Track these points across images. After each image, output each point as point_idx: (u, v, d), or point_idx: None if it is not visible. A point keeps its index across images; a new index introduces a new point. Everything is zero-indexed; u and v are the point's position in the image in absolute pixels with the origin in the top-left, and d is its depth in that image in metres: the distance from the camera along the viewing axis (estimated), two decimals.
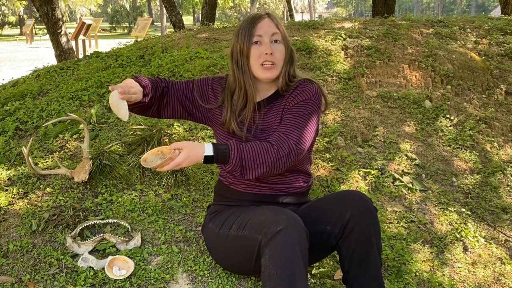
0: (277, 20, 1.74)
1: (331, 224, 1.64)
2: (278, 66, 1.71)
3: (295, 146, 1.63)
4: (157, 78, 1.83)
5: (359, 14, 58.47)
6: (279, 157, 1.61)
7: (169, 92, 1.80)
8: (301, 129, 1.66)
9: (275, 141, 1.63)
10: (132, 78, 1.71)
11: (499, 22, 4.88)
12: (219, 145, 1.60)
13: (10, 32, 28.88)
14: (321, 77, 3.40)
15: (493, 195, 2.74)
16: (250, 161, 1.59)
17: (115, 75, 3.23)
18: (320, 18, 8.09)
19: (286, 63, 1.73)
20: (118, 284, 1.75)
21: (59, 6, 6.37)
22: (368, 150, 2.85)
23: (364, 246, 1.60)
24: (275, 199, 1.78)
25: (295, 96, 1.72)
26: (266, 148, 1.61)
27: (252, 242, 1.55)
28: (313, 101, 1.72)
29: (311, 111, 1.70)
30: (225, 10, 37.18)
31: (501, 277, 2.19)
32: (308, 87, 1.73)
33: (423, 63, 3.74)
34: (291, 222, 1.49)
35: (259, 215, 1.59)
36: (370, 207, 1.63)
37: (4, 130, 2.71)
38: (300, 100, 1.71)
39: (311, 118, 1.70)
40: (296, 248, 1.46)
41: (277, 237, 1.46)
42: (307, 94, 1.72)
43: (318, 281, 1.90)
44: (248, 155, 1.59)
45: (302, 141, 1.65)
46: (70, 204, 2.13)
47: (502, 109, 3.55)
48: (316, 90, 1.74)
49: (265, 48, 1.67)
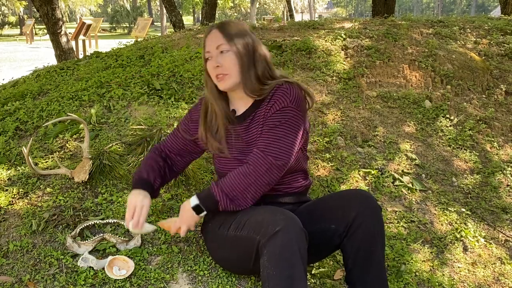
0: (226, 29, 1.69)
1: (335, 222, 1.63)
2: (232, 75, 1.67)
3: (274, 160, 1.61)
4: (155, 157, 1.88)
5: (359, 14, 58.47)
6: (260, 175, 1.61)
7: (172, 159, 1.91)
8: (279, 141, 1.63)
9: (252, 160, 1.63)
10: (136, 177, 1.82)
11: (499, 22, 4.89)
12: (202, 192, 1.69)
13: (10, 32, 28.89)
14: (321, 77, 3.40)
15: (493, 195, 2.74)
16: (234, 191, 1.62)
17: (115, 75, 3.23)
18: (320, 18, 8.09)
19: (243, 69, 1.67)
20: (118, 284, 1.75)
21: (59, 6, 6.37)
22: (368, 150, 2.86)
23: (369, 245, 1.60)
24: (275, 199, 1.78)
25: (272, 105, 1.67)
26: (244, 171, 1.62)
27: (250, 242, 1.55)
28: (290, 107, 1.65)
29: (289, 117, 1.65)
30: (225, 10, 37.19)
31: (501, 277, 2.19)
32: (284, 92, 1.66)
33: (423, 63, 3.74)
34: (289, 222, 1.49)
35: (256, 215, 1.58)
36: (375, 205, 1.63)
37: (4, 130, 2.71)
38: (276, 109, 1.66)
39: (290, 125, 1.65)
40: (294, 249, 1.46)
41: (275, 238, 1.46)
42: (282, 101, 1.65)
43: (318, 281, 1.90)
44: (229, 187, 1.62)
45: (282, 152, 1.63)
46: (70, 204, 2.14)
47: (502, 109, 3.55)
48: (294, 92, 1.67)
49: (213, 62, 1.69)
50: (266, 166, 1.61)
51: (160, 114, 2.74)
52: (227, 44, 1.67)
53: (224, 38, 1.67)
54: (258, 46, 1.71)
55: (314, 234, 1.66)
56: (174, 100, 2.89)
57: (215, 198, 1.63)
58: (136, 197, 1.74)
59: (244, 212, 1.65)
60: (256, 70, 1.68)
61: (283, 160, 1.63)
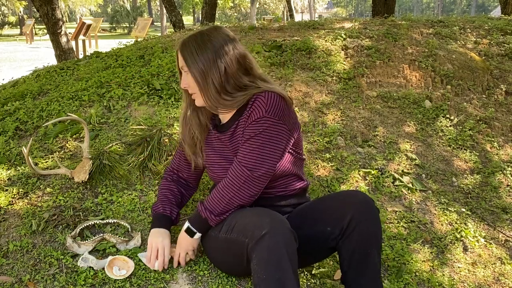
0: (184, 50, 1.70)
1: (331, 225, 1.63)
2: (197, 94, 1.72)
3: (250, 172, 1.63)
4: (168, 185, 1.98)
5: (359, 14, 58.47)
6: (239, 188, 1.65)
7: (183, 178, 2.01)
8: (254, 152, 1.64)
9: (230, 173, 1.67)
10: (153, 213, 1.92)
11: (499, 22, 4.88)
12: (192, 215, 1.78)
13: (10, 32, 28.89)
14: (321, 77, 3.40)
15: (493, 195, 2.74)
16: (218, 206, 1.67)
17: (115, 75, 3.23)
18: (320, 18, 8.09)
19: (202, 88, 1.68)
20: (118, 284, 1.75)
21: (59, 6, 6.37)
22: (368, 150, 2.85)
23: (364, 248, 1.60)
24: (271, 201, 1.78)
25: (248, 117, 1.68)
26: (224, 186, 1.67)
27: (240, 245, 1.56)
28: (266, 117, 1.63)
29: (265, 127, 1.64)
30: (225, 10, 37.18)
31: (501, 277, 2.19)
32: (260, 101, 1.65)
33: (423, 63, 3.74)
34: (276, 225, 1.49)
35: (244, 218, 1.60)
36: (372, 208, 1.62)
37: (4, 130, 2.71)
38: (252, 120, 1.66)
39: (266, 135, 1.64)
40: (282, 251, 1.46)
41: (262, 242, 1.47)
42: (258, 111, 1.64)
43: (318, 281, 1.90)
44: (213, 203, 1.68)
45: (258, 163, 1.64)
46: (70, 204, 2.14)
47: (502, 109, 3.55)
48: (271, 101, 1.64)
49: (182, 82, 1.75)
50: (243, 178, 1.64)
51: (160, 114, 2.74)
52: (186, 67, 1.71)
53: (183, 60, 1.71)
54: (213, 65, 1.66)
55: (310, 236, 1.66)
56: (174, 100, 2.89)
57: (202, 217, 1.69)
58: (156, 239, 1.81)
59: (234, 214, 1.67)
60: (215, 86, 1.67)
61: (260, 170, 1.64)
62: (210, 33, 1.71)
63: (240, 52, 1.71)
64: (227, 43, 1.69)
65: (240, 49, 1.71)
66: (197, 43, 1.69)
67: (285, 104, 1.68)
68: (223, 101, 1.69)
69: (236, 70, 1.69)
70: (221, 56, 1.67)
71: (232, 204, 1.67)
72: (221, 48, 1.67)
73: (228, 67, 1.67)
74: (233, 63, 1.68)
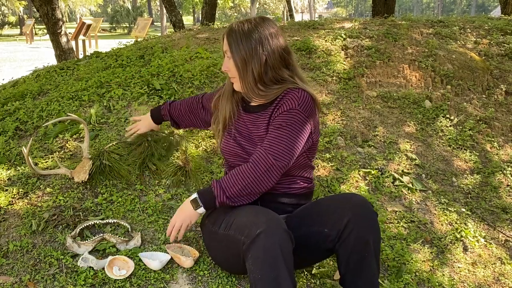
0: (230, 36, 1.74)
1: (328, 227, 1.63)
2: (236, 79, 1.76)
3: (274, 161, 1.64)
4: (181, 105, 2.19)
5: (359, 14, 58.47)
6: (259, 175, 1.64)
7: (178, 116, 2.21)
8: (282, 142, 1.66)
9: (254, 159, 1.67)
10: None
11: (499, 22, 4.88)
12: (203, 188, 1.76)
13: (10, 32, 28.89)
14: (321, 77, 3.40)
15: (493, 195, 2.74)
16: (232, 188, 1.65)
17: (115, 75, 3.23)
18: (320, 18, 8.09)
19: (241, 75, 1.73)
20: (118, 284, 1.75)
21: (59, 6, 6.36)
22: (368, 150, 2.85)
23: (361, 251, 1.59)
24: (274, 198, 1.78)
25: (280, 107, 1.71)
26: (244, 170, 1.66)
27: (237, 243, 1.56)
28: (297, 110, 1.68)
29: (296, 120, 1.67)
30: (225, 10, 37.18)
31: (501, 277, 2.19)
32: (294, 95, 1.70)
33: (423, 63, 3.74)
34: (271, 224, 1.49)
35: (242, 216, 1.60)
36: (369, 211, 1.61)
37: (4, 130, 2.71)
38: (284, 110, 1.69)
39: (295, 128, 1.67)
40: (277, 251, 1.46)
41: (257, 241, 1.48)
42: (291, 103, 1.69)
43: (318, 281, 1.90)
44: (228, 184, 1.66)
45: (284, 154, 1.65)
46: (70, 204, 2.14)
47: (502, 109, 3.55)
48: (304, 97, 1.69)
49: (223, 66, 1.79)
50: (266, 166, 1.64)
51: None
52: (230, 52, 1.74)
53: (228, 45, 1.74)
54: (255, 55, 1.70)
55: (307, 237, 1.66)
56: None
57: (213, 193, 1.66)
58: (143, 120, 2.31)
59: (233, 211, 1.67)
60: (253, 76, 1.72)
61: (283, 161, 1.65)
62: (257, 23, 1.75)
63: (283, 46, 1.75)
64: (272, 35, 1.73)
65: (283, 43, 1.76)
66: (243, 31, 1.73)
67: (314, 106, 1.73)
68: (258, 90, 1.73)
69: (277, 63, 1.73)
70: (264, 46, 1.71)
71: (247, 189, 1.65)
72: (265, 39, 1.71)
73: (269, 58, 1.71)
74: (275, 55, 1.72)
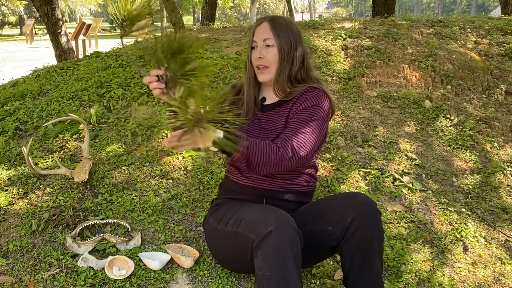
0: (276, 24, 1.75)
1: (332, 224, 1.64)
2: (271, 69, 1.76)
3: (297, 150, 1.64)
4: None
5: (359, 14, 58.46)
6: (282, 160, 1.62)
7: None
8: (305, 134, 1.67)
9: (280, 143, 1.65)
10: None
11: (499, 22, 4.88)
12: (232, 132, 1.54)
13: (10, 32, 28.88)
14: (321, 77, 3.40)
15: (493, 195, 2.74)
16: (257, 156, 1.58)
17: (115, 75, 3.23)
18: (320, 18, 8.09)
19: (282, 66, 1.74)
20: (118, 284, 1.75)
21: (59, 6, 6.36)
22: (368, 150, 2.85)
23: (365, 249, 1.60)
24: (277, 195, 1.79)
25: (303, 102, 1.74)
26: (272, 149, 1.62)
27: (246, 240, 1.56)
28: (320, 108, 1.73)
29: (318, 117, 1.71)
30: (225, 10, 37.17)
31: (501, 277, 2.19)
32: (318, 93, 1.75)
33: (423, 63, 3.74)
34: (281, 222, 1.50)
35: (252, 213, 1.60)
36: (373, 210, 1.62)
37: (4, 130, 2.71)
38: (308, 106, 1.73)
39: (317, 124, 1.71)
40: (287, 249, 1.47)
41: (268, 238, 1.48)
42: (315, 100, 1.73)
43: (318, 281, 1.90)
44: (256, 150, 1.58)
45: (305, 146, 1.66)
46: (70, 204, 2.14)
47: (502, 109, 3.55)
48: (325, 98, 1.75)
49: (257, 53, 1.76)
50: (290, 154, 1.63)
51: (160, 114, 2.74)
52: (273, 39, 1.74)
53: (272, 32, 1.75)
54: (299, 47, 1.76)
55: (311, 235, 1.67)
56: None
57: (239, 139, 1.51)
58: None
59: (243, 208, 1.67)
60: (290, 70, 1.76)
61: (304, 153, 1.66)
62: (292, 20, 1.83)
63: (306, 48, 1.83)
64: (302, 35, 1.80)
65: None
66: (286, 22, 1.78)
67: (329, 108, 1.78)
68: (284, 85, 1.76)
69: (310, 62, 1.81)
70: (303, 42, 1.79)
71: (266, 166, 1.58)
72: (302, 35, 1.80)
73: (306, 54, 1.79)
74: (308, 53, 1.80)
